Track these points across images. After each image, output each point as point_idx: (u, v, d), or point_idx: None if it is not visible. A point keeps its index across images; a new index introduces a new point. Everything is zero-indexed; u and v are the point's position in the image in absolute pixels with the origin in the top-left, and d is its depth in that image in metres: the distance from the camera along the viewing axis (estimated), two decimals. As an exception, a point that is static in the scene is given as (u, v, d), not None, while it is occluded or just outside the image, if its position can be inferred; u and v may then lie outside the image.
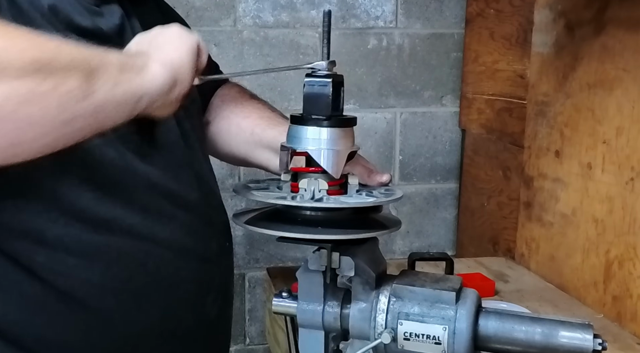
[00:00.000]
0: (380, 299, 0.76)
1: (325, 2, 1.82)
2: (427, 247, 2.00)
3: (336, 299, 0.78)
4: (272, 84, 1.81)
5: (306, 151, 0.77)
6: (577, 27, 1.39)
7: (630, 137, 1.24)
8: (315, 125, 0.77)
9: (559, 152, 1.45)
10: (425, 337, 0.73)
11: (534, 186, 1.55)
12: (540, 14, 1.51)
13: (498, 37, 1.72)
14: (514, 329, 0.74)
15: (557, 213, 1.45)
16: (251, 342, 1.94)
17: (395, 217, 0.83)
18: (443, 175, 1.98)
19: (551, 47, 1.48)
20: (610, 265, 1.29)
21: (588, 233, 1.35)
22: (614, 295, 1.28)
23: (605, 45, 1.30)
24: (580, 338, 0.71)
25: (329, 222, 0.75)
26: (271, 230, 0.74)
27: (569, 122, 1.41)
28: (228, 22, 1.79)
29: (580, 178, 1.37)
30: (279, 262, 1.89)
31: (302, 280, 0.78)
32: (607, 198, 1.30)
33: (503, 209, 1.72)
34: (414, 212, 1.98)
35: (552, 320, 0.74)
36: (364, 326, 0.76)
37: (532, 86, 1.55)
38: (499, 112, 1.72)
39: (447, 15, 1.91)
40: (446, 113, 1.95)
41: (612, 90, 1.28)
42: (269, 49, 1.81)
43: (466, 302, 0.74)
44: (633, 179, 1.23)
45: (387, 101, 1.91)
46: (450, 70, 1.93)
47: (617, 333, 1.22)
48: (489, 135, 1.78)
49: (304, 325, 0.79)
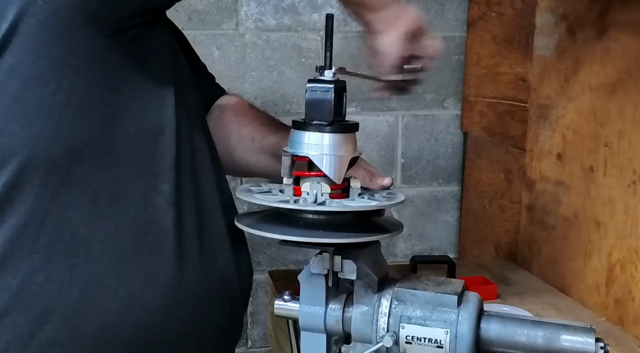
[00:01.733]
0: (382, 302, 0.76)
1: (327, 5, 1.82)
2: (429, 250, 2.00)
3: (338, 302, 0.78)
4: (274, 88, 1.81)
5: (308, 156, 0.77)
6: (579, 30, 1.39)
7: (632, 140, 1.24)
8: (317, 130, 0.77)
9: (561, 155, 1.45)
10: (427, 341, 0.74)
11: (536, 189, 1.55)
12: (542, 17, 1.51)
13: (500, 40, 1.72)
14: (516, 333, 0.74)
15: (559, 216, 1.45)
16: (253, 345, 1.94)
17: (397, 220, 0.83)
18: (445, 178, 1.98)
19: (553, 50, 1.48)
20: (612, 268, 1.29)
21: (590, 237, 1.35)
22: (616, 298, 1.28)
23: (607, 48, 1.30)
24: (582, 342, 0.71)
25: (331, 225, 0.76)
26: (273, 233, 0.74)
27: (570, 125, 1.41)
28: (230, 25, 1.79)
29: (582, 181, 1.37)
30: (281, 265, 1.89)
31: (304, 284, 0.78)
32: (609, 202, 1.30)
33: (505, 212, 1.71)
34: (416, 215, 1.98)
35: (554, 324, 0.74)
36: (366, 329, 0.76)
37: (534, 89, 1.55)
38: (500, 115, 1.72)
39: (448, 18, 1.91)
40: (448, 116, 1.95)
41: (614, 93, 1.28)
42: (271, 52, 1.82)
43: (468, 306, 0.74)
44: (635, 182, 1.23)
45: (389, 104, 1.91)
46: (452, 73, 1.93)
47: (619, 337, 1.22)
48: (491, 138, 1.78)
49: (306, 328, 0.79)
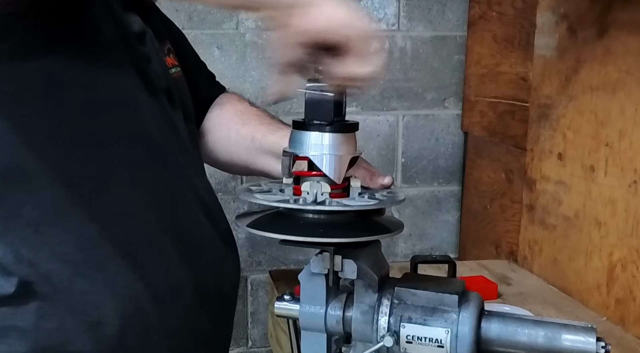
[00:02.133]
0: (382, 302, 0.76)
1: (327, 4, 1.82)
2: (430, 250, 2.00)
3: (339, 302, 0.78)
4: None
5: (308, 156, 0.77)
6: (580, 29, 1.39)
7: (633, 139, 1.23)
8: (317, 130, 0.76)
9: (562, 155, 1.44)
10: (427, 340, 0.73)
11: (536, 189, 1.54)
12: (543, 16, 1.51)
13: (500, 40, 1.72)
14: (517, 332, 0.73)
15: (560, 216, 1.45)
16: (253, 345, 1.94)
17: (397, 220, 0.83)
18: (445, 178, 1.98)
19: (554, 50, 1.47)
20: (613, 268, 1.29)
21: (591, 236, 1.35)
22: (617, 298, 1.27)
23: (608, 47, 1.30)
24: (583, 342, 0.71)
25: (331, 225, 0.75)
26: (274, 233, 0.74)
27: (571, 124, 1.41)
28: (231, 25, 1.79)
29: (583, 181, 1.37)
30: (281, 265, 1.89)
31: (304, 283, 0.78)
32: (610, 201, 1.30)
33: (506, 212, 1.71)
34: (416, 215, 1.98)
35: (555, 323, 0.74)
36: (367, 329, 0.76)
37: (535, 89, 1.55)
38: (501, 115, 1.72)
39: (449, 17, 1.91)
40: (448, 116, 1.95)
41: (615, 93, 1.28)
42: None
43: (469, 305, 0.74)
44: (636, 182, 1.23)
45: (389, 104, 1.91)
46: (452, 73, 1.93)
47: (621, 337, 1.22)
48: (492, 138, 1.78)
49: (306, 328, 0.79)
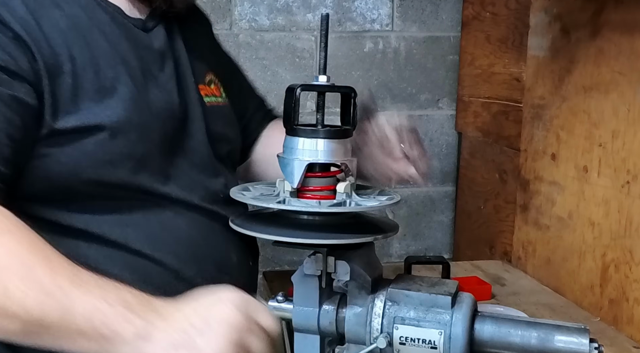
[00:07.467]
0: (376, 303, 0.76)
1: (321, 5, 1.82)
2: (424, 250, 1.99)
3: (332, 303, 0.78)
4: (268, 88, 1.80)
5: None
6: (573, 30, 1.39)
7: (626, 140, 1.24)
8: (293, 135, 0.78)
9: (555, 155, 1.45)
10: (421, 342, 0.73)
11: (530, 189, 1.55)
12: (536, 17, 1.51)
13: (494, 40, 1.72)
14: (510, 333, 0.73)
15: (554, 216, 1.45)
16: (248, 346, 1.94)
17: (392, 221, 0.83)
18: (440, 178, 1.98)
19: (547, 50, 1.48)
20: (606, 268, 1.29)
21: (584, 237, 1.35)
22: (611, 298, 1.28)
23: (601, 48, 1.30)
24: (576, 343, 0.71)
25: (324, 226, 0.75)
26: (267, 234, 0.74)
27: (565, 125, 1.41)
28: (224, 25, 1.78)
29: (577, 181, 1.37)
30: (275, 266, 1.89)
31: (297, 284, 0.78)
32: (603, 202, 1.30)
33: (500, 212, 1.71)
34: (410, 215, 1.97)
35: (548, 325, 0.74)
36: (360, 330, 0.76)
37: (528, 89, 1.55)
38: (495, 115, 1.72)
39: (443, 18, 1.91)
40: (442, 116, 1.95)
41: (607, 93, 1.28)
42: (265, 53, 1.81)
43: (462, 307, 0.74)
44: (629, 182, 1.23)
45: (383, 104, 1.90)
46: (446, 73, 1.93)
47: (614, 337, 1.22)
48: (485, 138, 1.78)
49: (299, 329, 0.79)
